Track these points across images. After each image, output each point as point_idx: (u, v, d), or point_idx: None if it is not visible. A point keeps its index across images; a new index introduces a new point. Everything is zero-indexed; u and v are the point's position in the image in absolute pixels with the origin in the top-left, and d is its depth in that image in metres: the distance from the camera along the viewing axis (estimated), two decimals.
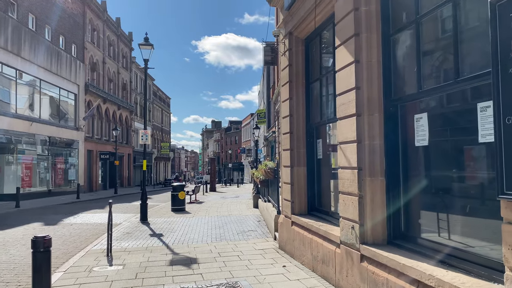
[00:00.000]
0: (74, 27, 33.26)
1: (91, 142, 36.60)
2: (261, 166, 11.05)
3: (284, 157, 7.93)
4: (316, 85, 7.25)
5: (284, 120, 7.89)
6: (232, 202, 21.80)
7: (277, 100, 28.00)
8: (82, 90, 34.26)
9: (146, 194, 14.44)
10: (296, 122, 7.53)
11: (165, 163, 72.16)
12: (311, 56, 7.49)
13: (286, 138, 7.78)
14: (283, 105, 7.99)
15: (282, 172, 8.16)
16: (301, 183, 7.47)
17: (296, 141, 7.52)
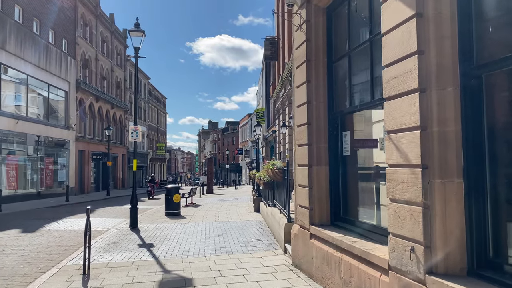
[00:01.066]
0: (64, 21, 31.72)
1: (83, 142, 35.03)
2: (267, 166, 9.61)
3: (300, 155, 6.50)
4: (343, 63, 5.81)
5: (300, 109, 6.45)
6: (231, 205, 20.34)
7: (277, 98, 26.60)
8: (73, 88, 32.69)
9: (137, 197, 12.97)
10: (315, 111, 6.10)
11: (161, 164, 70.56)
12: (334, 28, 6.06)
13: (302, 131, 6.35)
14: (298, 91, 6.55)
15: (297, 173, 6.72)
16: (322, 186, 6.03)
17: (315, 134, 6.09)
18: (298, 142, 6.55)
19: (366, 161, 6.09)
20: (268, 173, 9.24)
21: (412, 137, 3.50)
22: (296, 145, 6.82)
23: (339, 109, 5.92)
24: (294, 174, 6.99)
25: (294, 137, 6.94)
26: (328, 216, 6.01)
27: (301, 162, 6.44)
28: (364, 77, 5.15)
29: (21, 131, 24.93)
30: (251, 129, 65.11)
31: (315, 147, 6.08)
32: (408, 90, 3.55)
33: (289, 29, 22.04)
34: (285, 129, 19.95)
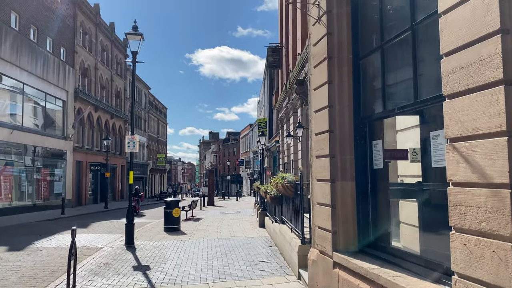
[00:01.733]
0: (63, 29, 31.06)
1: (81, 152, 34.12)
2: (276, 179, 8.68)
3: (319, 168, 5.57)
4: (373, 60, 4.93)
5: (319, 115, 5.55)
6: (233, 219, 19.34)
7: (281, 107, 25.77)
8: (71, 97, 31.90)
9: (133, 212, 11.99)
10: (338, 116, 5.19)
11: (161, 175, 69.56)
12: (361, 19, 5.19)
13: (322, 140, 5.43)
14: (317, 94, 5.66)
15: (315, 189, 5.79)
16: (347, 205, 5.10)
17: (339, 143, 5.17)
18: (317, 153, 5.64)
19: (391, 175, 5.19)
20: (278, 187, 8.30)
21: (492, 147, 2.58)
22: (313, 157, 5.90)
23: (368, 113, 5.01)
24: (311, 190, 6.06)
25: (311, 146, 6.03)
26: (355, 241, 5.07)
27: (320, 176, 5.51)
28: (404, 74, 4.26)
29: (16, 141, 24.05)
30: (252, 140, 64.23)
31: (338, 158, 5.16)
32: (485, 83, 2.64)
33: (294, 35, 21.29)
34: (290, 139, 19.05)
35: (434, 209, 4.37)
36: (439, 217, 4.25)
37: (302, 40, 18.36)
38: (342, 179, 5.14)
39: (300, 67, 17.50)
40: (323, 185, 5.42)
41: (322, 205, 5.47)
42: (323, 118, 5.38)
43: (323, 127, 5.39)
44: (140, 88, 55.50)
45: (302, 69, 17.29)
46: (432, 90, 3.63)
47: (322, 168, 5.42)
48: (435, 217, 4.36)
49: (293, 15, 21.82)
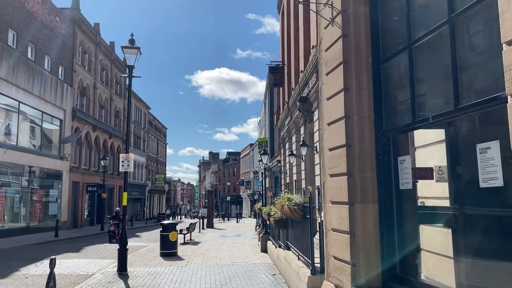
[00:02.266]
0: (62, 48, 30.73)
1: (77, 173, 33.33)
2: (281, 200, 7.92)
3: (333, 188, 4.86)
4: (398, 62, 4.28)
5: (333, 128, 4.87)
6: (233, 243, 18.44)
7: (282, 126, 25.17)
8: (69, 116, 31.35)
9: (126, 237, 11.17)
10: (357, 128, 4.51)
11: (159, 196, 68.49)
12: (382, 18, 4.56)
13: (337, 157, 4.74)
14: (329, 104, 5.00)
15: (329, 213, 5.05)
16: (369, 232, 4.37)
17: (357, 160, 4.48)
18: (331, 171, 4.93)
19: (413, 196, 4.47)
20: (284, 210, 7.53)
21: None
22: (326, 175, 5.19)
23: (392, 125, 4.33)
24: (324, 214, 5.32)
25: (323, 164, 5.32)
26: (378, 275, 4.31)
27: (336, 198, 4.79)
28: (439, 76, 3.59)
29: (10, 161, 23.31)
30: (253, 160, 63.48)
31: (358, 177, 4.45)
32: None
33: (296, 53, 20.86)
34: (293, 158, 18.35)
35: (478, 236, 3.64)
36: (487, 246, 3.51)
37: (304, 57, 17.90)
38: (362, 202, 4.42)
39: (303, 84, 16.96)
40: (339, 208, 4.69)
41: (338, 231, 4.72)
42: (339, 130, 4.70)
43: (339, 141, 4.69)
44: (140, 108, 55.13)
45: (305, 86, 16.74)
46: (481, 93, 2.95)
47: (338, 188, 4.70)
48: (480, 246, 3.63)
49: (295, 33, 21.46)
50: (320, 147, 5.51)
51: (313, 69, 14.67)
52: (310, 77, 15.50)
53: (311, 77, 15.25)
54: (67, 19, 31.53)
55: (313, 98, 15.38)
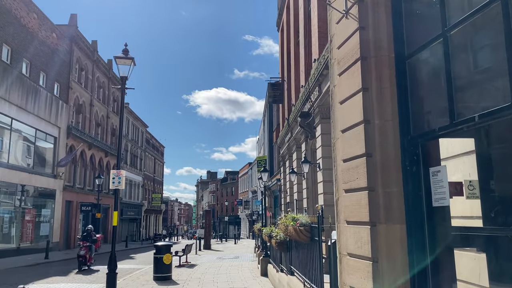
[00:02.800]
0: (58, 64, 30.27)
1: (72, 192, 32.43)
2: (284, 220, 7.17)
3: (349, 206, 4.15)
4: (429, 55, 3.63)
5: (349, 135, 4.19)
6: (231, 266, 17.51)
7: (282, 143, 24.51)
8: (63, 133, 30.67)
9: (115, 259, 10.32)
10: (379, 135, 3.83)
11: (156, 216, 67.22)
12: (407, 7, 3.92)
13: (354, 169, 4.04)
14: (343, 109, 4.34)
15: (343, 234, 4.33)
16: (395, 259, 3.63)
17: (380, 172, 3.78)
18: (347, 185, 4.22)
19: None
20: (288, 231, 6.77)
21: None
22: (340, 191, 4.48)
23: (423, 129, 3.65)
24: (337, 236, 4.59)
25: (336, 178, 4.62)
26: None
27: (353, 217, 4.07)
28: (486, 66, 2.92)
29: (1, 179, 22.48)
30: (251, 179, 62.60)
31: (381, 192, 3.75)
32: None
33: (296, 68, 20.38)
34: (294, 176, 17.61)
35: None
36: None
37: (305, 72, 17.39)
38: (386, 221, 3.70)
39: (304, 99, 16.37)
40: (357, 229, 3.97)
41: (356, 257, 3.98)
42: (356, 138, 4.01)
43: (356, 150, 4.00)
44: (137, 126, 54.54)
45: (306, 101, 16.14)
46: None
47: (356, 206, 3.98)
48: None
49: (295, 48, 21.04)
50: (332, 158, 4.82)
51: (315, 83, 14.10)
52: (312, 91, 14.92)
53: (313, 91, 14.67)
54: (64, 35, 31.20)
55: (315, 113, 14.77)
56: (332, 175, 12.68)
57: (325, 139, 13.98)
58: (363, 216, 3.86)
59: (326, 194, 13.56)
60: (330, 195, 13.53)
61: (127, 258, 25.07)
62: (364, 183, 3.86)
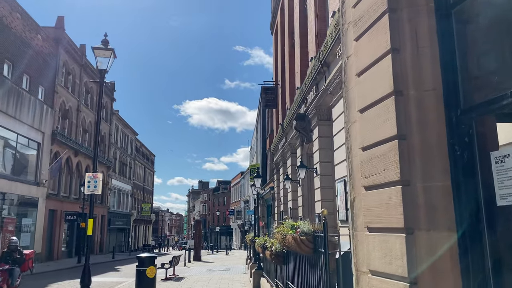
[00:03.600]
0: (43, 67, 29.13)
1: (56, 200, 31.04)
2: (281, 228, 6.13)
3: (373, 207, 3.14)
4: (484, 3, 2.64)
5: (372, 114, 3.19)
6: (222, 279, 16.34)
7: (276, 150, 23.52)
8: (47, 139, 29.39)
9: (90, 273, 9.18)
10: (416, 110, 2.85)
11: (145, 226, 65.57)
12: None
13: (381, 158, 3.05)
14: (363, 81, 3.35)
15: (363, 245, 3.31)
16: (442, 280, 2.61)
17: (418, 159, 2.78)
18: (368, 180, 3.21)
19: None
20: (287, 241, 5.71)
21: None
22: (357, 189, 3.48)
23: (480, 99, 2.65)
24: (353, 247, 3.57)
25: (352, 173, 3.62)
26: None
27: (378, 222, 3.05)
28: None
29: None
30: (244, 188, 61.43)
31: (419, 187, 2.74)
32: None
33: (291, 70, 19.51)
34: (288, 183, 16.58)
35: None
36: None
37: (301, 73, 16.49)
38: (429, 227, 2.69)
39: (300, 100, 15.44)
40: (385, 238, 2.94)
41: (383, 276, 2.95)
42: (383, 116, 3.01)
43: (384, 132, 3.00)
44: (127, 134, 53.27)
45: (302, 103, 15.20)
46: None
47: (384, 206, 2.97)
48: None
49: (290, 50, 20.19)
50: (346, 148, 3.81)
51: (312, 82, 13.18)
52: (308, 92, 13.99)
53: (310, 92, 13.74)
54: (50, 38, 30.14)
55: (311, 114, 13.82)
56: (331, 180, 11.67)
57: (323, 142, 13.01)
58: (395, 221, 2.84)
59: (325, 201, 12.54)
60: (328, 202, 12.52)
61: (111, 270, 23.74)
62: (395, 175, 2.85)
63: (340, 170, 10.32)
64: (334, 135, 10.90)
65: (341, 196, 10.19)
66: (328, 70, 11.56)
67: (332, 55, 10.85)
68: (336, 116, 10.80)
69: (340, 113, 10.38)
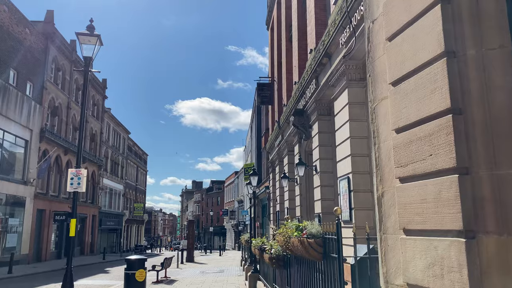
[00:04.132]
0: (32, 62, 28.19)
1: (44, 200, 30.09)
2: (285, 230, 5.44)
3: (412, 203, 2.44)
4: None
5: (411, 85, 2.50)
6: (216, 282, 15.62)
7: (272, 148, 22.84)
8: (36, 137, 28.45)
9: (72, 276, 8.42)
10: (476, 75, 2.14)
11: (138, 227, 64.55)
12: None
13: (424, 140, 2.35)
14: (398, 44, 2.65)
15: (396, 251, 2.62)
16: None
17: (481, 140, 2.08)
18: (406, 170, 2.52)
19: None
20: (291, 244, 5.02)
21: None
22: (388, 181, 2.79)
23: None
24: (383, 253, 2.88)
25: (380, 162, 2.93)
26: None
27: (421, 222, 2.37)
28: None
29: None
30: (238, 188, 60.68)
31: (484, 176, 2.06)
32: None
33: (289, 65, 18.83)
34: (285, 181, 15.90)
35: None
36: None
37: (299, 67, 15.83)
38: (499, 231, 2.01)
39: (298, 95, 14.77)
40: (432, 244, 2.26)
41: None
42: (428, 86, 2.33)
43: (429, 106, 2.32)
44: (119, 132, 52.29)
45: (301, 97, 14.54)
46: None
47: (430, 202, 2.29)
48: None
49: (287, 44, 19.53)
50: (371, 131, 3.11)
51: (311, 75, 12.51)
52: (307, 86, 13.32)
53: (309, 85, 13.07)
54: (38, 32, 29.18)
55: (311, 109, 13.15)
56: (332, 178, 10.97)
57: (323, 138, 12.35)
58: (448, 221, 2.15)
59: (325, 201, 11.89)
60: (328, 202, 11.87)
61: (101, 272, 22.91)
62: (448, 161, 2.16)
63: (343, 167, 9.66)
64: (336, 130, 10.23)
65: (344, 194, 9.53)
66: (330, 61, 10.90)
67: (334, 44, 10.19)
68: (338, 109, 10.14)
69: (343, 106, 9.72)
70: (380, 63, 2.98)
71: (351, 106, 9.38)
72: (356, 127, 9.22)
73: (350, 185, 9.09)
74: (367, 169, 9.01)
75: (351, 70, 9.47)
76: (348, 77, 9.47)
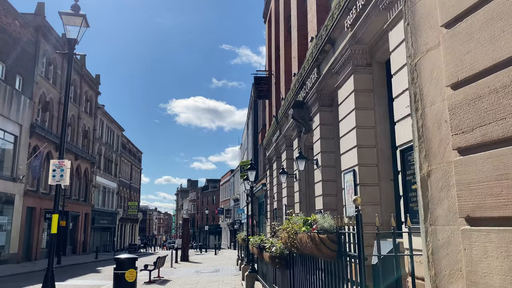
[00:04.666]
0: (21, 56, 27.31)
1: (35, 197, 29.25)
2: (290, 225, 4.76)
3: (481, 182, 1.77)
4: None
5: (475, 22, 1.82)
6: (211, 282, 14.94)
7: (269, 144, 22.17)
8: (26, 132, 27.59)
9: (53, 277, 7.69)
10: None
11: (132, 225, 63.67)
12: None
13: (498, 94, 1.65)
14: None
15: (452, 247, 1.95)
16: None
17: None
18: (469, 138, 1.84)
19: None
20: (299, 240, 4.33)
21: None
22: (440, 155, 2.12)
23: None
24: (426, 253, 2.19)
25: (426, 130, 2.26)
26: None
27: (496, 208, 1.69)
28: None
29: None
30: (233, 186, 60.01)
31: None
32: None
33: (287, 57, 18.16)
34: (284, 177, 15.23)
35: None
36: None
37: (299, 58, 15.17)
38: None
39: (298, 86, 14.10)
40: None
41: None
42: (504, 18, 1.64)
43: (506, 47, 1.63)
44: (113, 129, 51.40)
45: (300, 89, 13.88)
46: None
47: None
48: None
49: (286, 35, 18.86)
50: (412, 97, 2.43)
51: (312, 64, 11.85)
52: (308, 76, 12.66)
53: (310, 75, 12.41)
54: (29, 25, 28.31)
55: (312, 100, 12.49)
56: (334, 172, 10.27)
57: (325, 131, 11.69)
58: None
59: (326, 196, 11.24)
60: (331, 197, 11.22)
61: (92, 271, 22.17)
62: None
63: (348, 159, 9.00)
64: (340, 120, 9.57)
65: (348, 189, 8.88)
66: (333, 47, 10.23)
67: (338, 28, 9.52)
68: (343, 98, 9.48)
69: (348, 94, 9.05)
70: (424, 4, 2.31)
71: (357, 93, 8.72)
72: (363, 116, 8.57)
73: (356, 179, 8.44)
74: (375, 161, 8.37)
75: (357, 55, 8.81)
76: (354, 63, 8.82)
